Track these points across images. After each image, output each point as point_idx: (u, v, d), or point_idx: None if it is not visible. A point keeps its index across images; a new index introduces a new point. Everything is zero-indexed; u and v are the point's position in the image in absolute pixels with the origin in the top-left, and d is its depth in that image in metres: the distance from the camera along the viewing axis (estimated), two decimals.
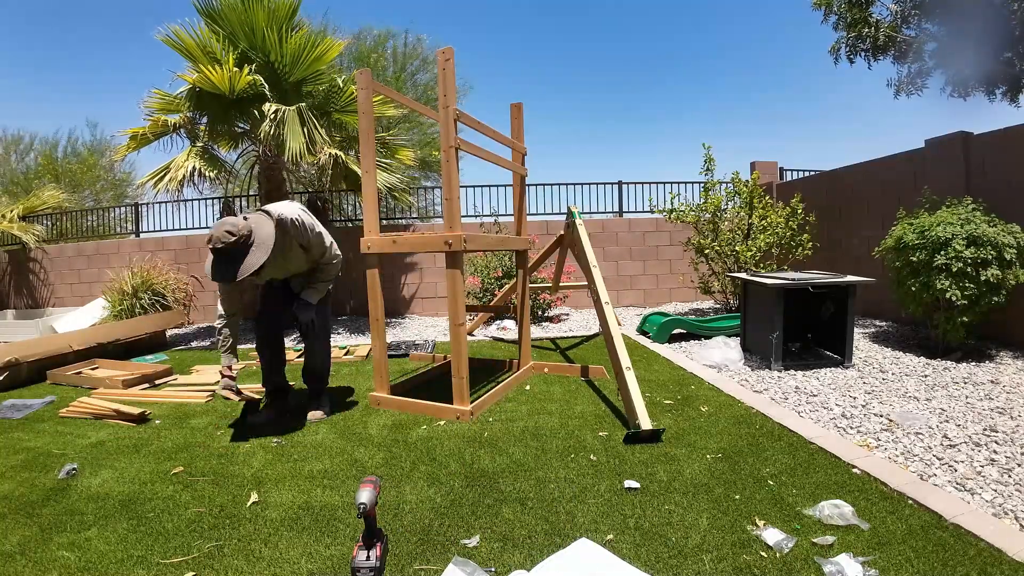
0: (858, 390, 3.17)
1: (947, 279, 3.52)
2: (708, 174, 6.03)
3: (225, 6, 5.06)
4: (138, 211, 8.25)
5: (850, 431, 2.55)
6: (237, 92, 4.96)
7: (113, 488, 2.13)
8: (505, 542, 1.69)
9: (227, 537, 1.76)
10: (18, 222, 7.79)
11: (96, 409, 3.07)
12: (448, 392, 2.90)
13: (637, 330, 5.34)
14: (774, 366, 3.66)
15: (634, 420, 2.55)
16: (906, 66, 7.27)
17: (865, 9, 7.09)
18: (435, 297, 7.21)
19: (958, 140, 4.47)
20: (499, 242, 3.67)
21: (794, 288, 3.65)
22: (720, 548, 1.62)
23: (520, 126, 3.82)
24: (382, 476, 2.16)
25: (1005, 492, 1.90)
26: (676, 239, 7.21)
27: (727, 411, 2.86)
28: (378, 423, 2.82)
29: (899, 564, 1.52)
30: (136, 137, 5.33)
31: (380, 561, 1.50)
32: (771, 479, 2.05)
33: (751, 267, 5.60)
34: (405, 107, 6.11)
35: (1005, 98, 6.94)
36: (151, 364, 4.37)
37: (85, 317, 6.34)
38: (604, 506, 1.89)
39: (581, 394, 3.25)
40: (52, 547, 1.72)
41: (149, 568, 1.61)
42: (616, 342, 2.98)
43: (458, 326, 2.81)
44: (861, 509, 1.79)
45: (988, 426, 2.51)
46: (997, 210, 3.79)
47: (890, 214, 4.58)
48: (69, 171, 13.14)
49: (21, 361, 3.91)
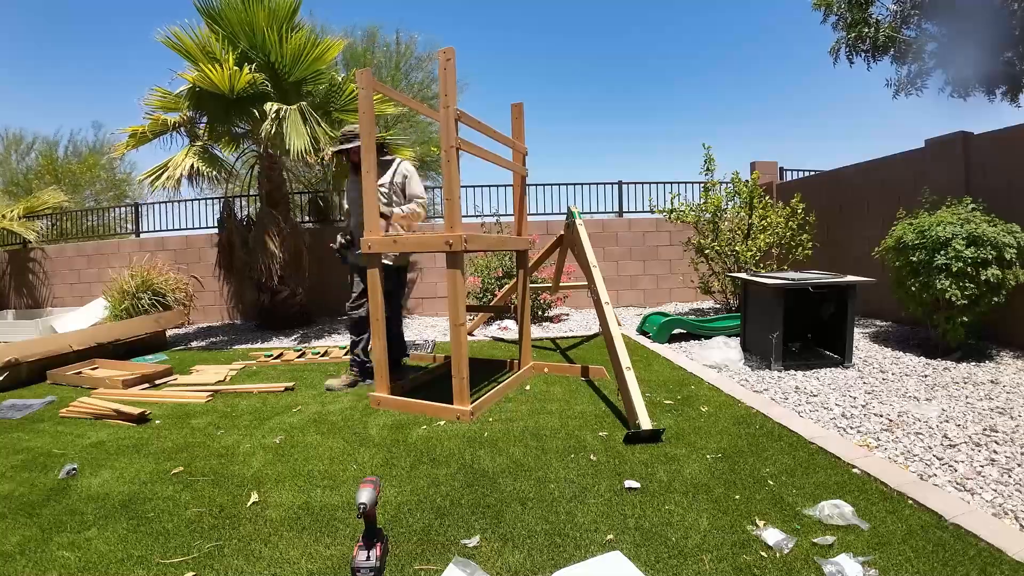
0: (858, 390, 3.17)
1: (947, 279, 3.52)
2: (708, 174, 6.03)
3: (225, 6, 5.06)
4: (138, 211, 8.25)
5: (850, 431, 2.55)
6: (237, 91, 4.96)
7: (113, 488, 2.13)
8: (505, 542, 1.69)
9: (227, 537, 1.76)
10: (18, 220, 7.79)
11: (96, 409, 3.07)
12: (448, 392, 2.90)
13: (637, 330, 5.34)
14: (774, 366, 3.66)
15: (634, 420, 2.55)
16: (906, 66, 7.27)
17: (865, 9, 7.09)
18: (435, 297, 7.21)
19: (958, 140, 4.47)
20: (499, 242, 3.67)
21: (794, 288, 3.65)
22: (720, 548, 1.62)
23: (521, 126, 3.82)
24: (382, 476, 2.16)
25: (1005, 492, 1.90)
26: (676, 239, 7.21)
27: (727, 411, 2.86)
28: (378, 423, 2.82)
29: (899, 564, 1.52)
30: (136, 135, 5.34)
31: (380, 561, 1.50)
32: (771, 479, 2.05)
33: (751, 267, 5.60)
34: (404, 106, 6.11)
35: (1005, 98, 6.93)
36: (151, 364, 4.37)
37: (85, 317, 6.34)
38: (604, 506, 1.89)
39: (581, 394, 3.25)
40: (52, 547, 1.72)
41: (149, 568, 1.61)
42: (616, 342, 2.98)
43: (458, 326, 2.81)
44: (861, 509, 1.79)
45: (988, 426, 2.51)
46: (997, 210, 3.79)
47: (890, 214, 4.58)
48: (69, 171, 13.15)
49: (21, 361, 3.91)
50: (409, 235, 3.41)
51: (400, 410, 3.02)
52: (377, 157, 3.18)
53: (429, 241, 2.93)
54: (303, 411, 3.07)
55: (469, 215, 7.29)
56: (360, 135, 3.08)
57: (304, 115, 5.03)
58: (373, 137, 3.06)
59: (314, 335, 5.77)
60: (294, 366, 4.29)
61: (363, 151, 3.02)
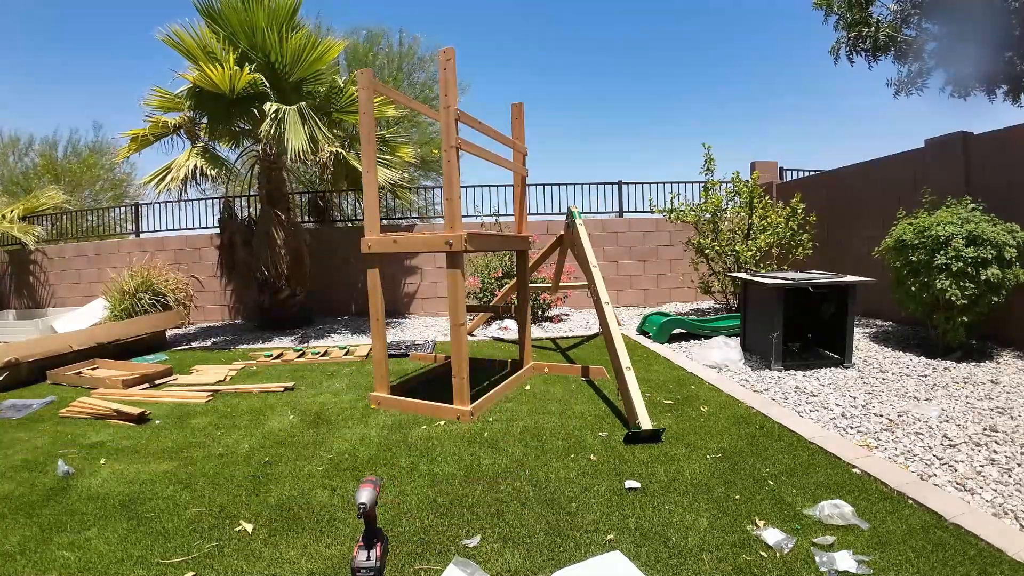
0: (858, 390, 3.17)
1: (947, 279, 3.52)
2: (708, 174, 6.03)
3: (225, 6, 5.06)
4: (138, 211, 8.24)
5: (850, 431, 2.55)
6: (237, 91, 4.97)
7: (113, 488, 2.13)
8: (505, 542, 1.69)
9: (227, 537, 1.76)
10: (18, 223, 7.78)
11: (96, 409, 3.07)
12: (448, 392, 2.90)
13: (637, 330, 5.34)
14: (774, 366, 3.66)
15: (634, 420, 2.55)
16: (906, 66, 7.27)
17: (865, 9, 7.09)
18: (435, 297, 7.21)
19: (958, 140, 4.46)
20: (500, 242, 3.67)
21: (794, 288, 3.65)
22: (720, 548, 1.62)
23: (521, 126, 3.82)
24: (382, 476, 2.16)
25: (1005, 492, 1.90)
26: (676, 239, 7.21)
27: (727, 411, 2.86)
28: (378, 423, 2.82)
29: (899, 564, 1.52)
30: (137, 139, 5.34)
31: (380, 561, 1.50)
32: (771, 479, 2.05)
33: (751, 267, 5.60)
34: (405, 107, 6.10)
35: (1006, 98, 6.93)
36: (151, 364, 4.37)
37: (85, 317, 6.34)
38: (604, 506, 1.89)
39: (581, 394, 3.25)
40: (52, 547, 1.72)
41: (149, 568, 1.61)
42: (616, 342, 2.98)
43: (458, 326, 2.81)
44: (861, 509, 1.79)
45: (988, 426, 2.51)
46: (997, 210, 3.79)
47: (890, 214, 4.58)
48: (69, 171, 13.14)
49: (21, 361, 3.91)
50: (410, 235, 3.41)
51: (400, 410, 3.02)
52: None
53: (430, 241, 2.93)
54: (303, 411, 3.07)
55: (469, 215, 7.29)
56: (360, 135, 3.08)
57: (303, 116, 5.03)
58: (373, 137, 3.06)
59: (314, 335, 5.77)
60: (294, 366, 4.29)
61: (363, 150, 3.02)
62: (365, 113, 3.00)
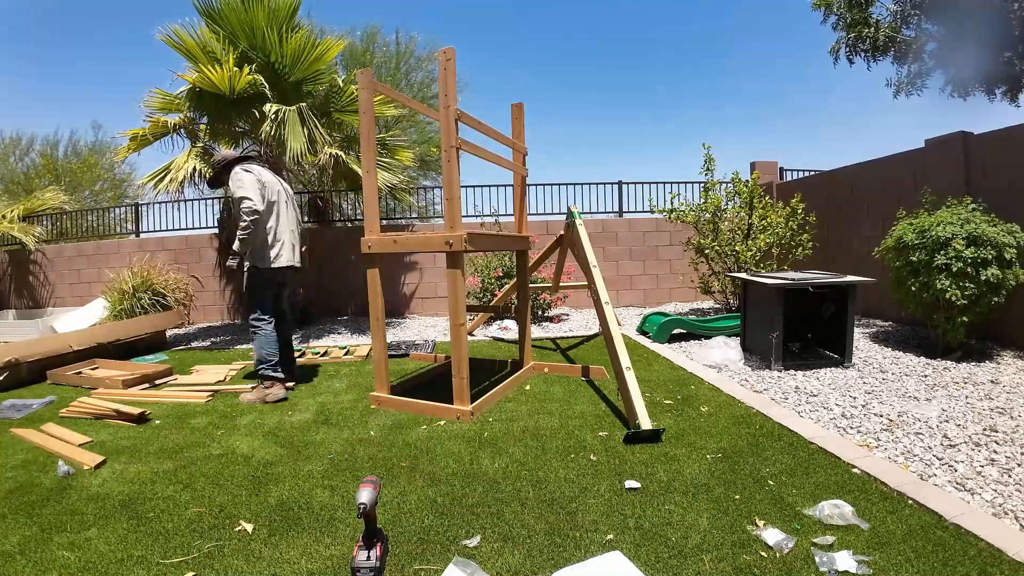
0: (858, 390, 3.17)
1: (947, 279, 3.52)
2: (708, 174, 6.03)
3: (225, 6, 5.06)
4: (138, 211, 8.24)
5: (850, 431, 2.55)
6: (237, 92, 4.96)
7: (113, 488, 2.13)
8: (505, 542, 1.69)
9: (227, 537, 1.76)
10: (18, 223, 7.78)
11: (96, 409, 3.07)
12: (448, 392, 2.90)
13: (637, 330, 5.34)
14: (774, 366, 3.66)
15: (634, 420, 2.56)
16: (906, 66, 7.27)
17: (865, 9, 7.09)
18: (435, 297, 7.21)
19: (958, 140, 4.46)
20: (500, 242, 3.66)
21: (794, 288, 3.65)
22: (720, 548, 1.62)
23: (521, 126, 3.82)
24: (382, 476, 2.16)
25: (1005, 492, 1.90)
26: (676, 239, 7.21)
27: (727, 411, 2.86)
28: (378, 423, 2.82)
29: (899, 564, 1.52)
30: (136, 138, 5.34)
31: (380, 561, 1.50)
32: (771, 479, 2.05)
33: (751, 267, 5.60)
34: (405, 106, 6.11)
35: (1005, 98, 6.93)
36: (151, 364, 4.37)
37: (85, 317, 6.34)
38: (604, 506, 1.89)
39: (581, 394, 3.25)
40: (52, 547, 1.72)
41: (149, 568, 1.61)
42: (616, 342, 2.98)
43: (458, 326, 2.81)
44: (861, 509, 1.80)
45: (988, 426, 2.51)
46: (997, 210, 3.79)
47: (890, 214, 4.58)
48: (69, 171, 13.15)
49: (21, 361, 3.91)
50: (410, 235, 3.41)
51: (400, 410, 3.02)
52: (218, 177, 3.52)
53: (430, 241, 2.93)
54: (303, 411, 3.07)
55: (469, 215, 7.29)
56: (360, 135, 3.08)
57: (302, 117, 5.03)
58: (373, 137, 3.06)
59: (314, 335, 5.77)
60: (299, 364, 4.28)
61: (363, 150, 3.02)
62: (365, 113, 3.00)
